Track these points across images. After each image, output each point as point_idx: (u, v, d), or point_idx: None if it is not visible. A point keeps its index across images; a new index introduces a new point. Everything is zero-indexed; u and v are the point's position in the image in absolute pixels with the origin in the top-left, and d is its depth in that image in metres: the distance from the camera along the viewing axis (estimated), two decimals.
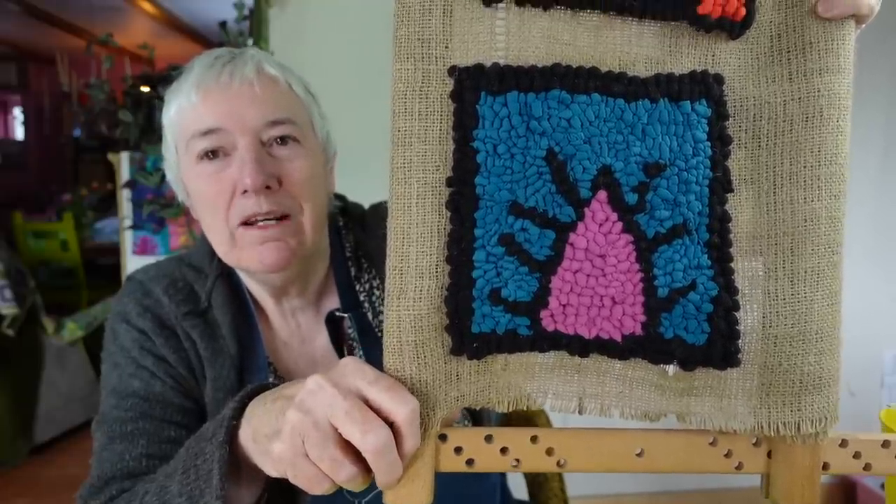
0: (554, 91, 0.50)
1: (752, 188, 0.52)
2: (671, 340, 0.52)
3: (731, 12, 0.50)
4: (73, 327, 2.88)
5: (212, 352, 0.83)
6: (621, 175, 0.51)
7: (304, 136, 0.83)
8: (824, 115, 0.51)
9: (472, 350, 0.52)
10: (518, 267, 0.51)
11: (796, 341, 0.51)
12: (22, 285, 2.73)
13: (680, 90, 0.51)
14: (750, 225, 0.52)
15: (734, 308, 0.51)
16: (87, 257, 4.26)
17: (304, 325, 0.91)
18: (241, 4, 2.31)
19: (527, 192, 0.51)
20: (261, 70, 0.81)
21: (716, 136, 0.51)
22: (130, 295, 0.87)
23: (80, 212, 4.51)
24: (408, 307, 0.51)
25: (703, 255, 0.51)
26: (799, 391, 0.52)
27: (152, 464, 0.75)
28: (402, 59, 0.50)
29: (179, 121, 0.82)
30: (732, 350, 0.51)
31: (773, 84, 0.51)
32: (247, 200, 0.78)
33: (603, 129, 0.51)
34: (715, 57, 0.52)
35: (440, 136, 0.51)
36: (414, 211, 0.51)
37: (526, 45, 0.51)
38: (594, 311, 0.52)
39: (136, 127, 2.24)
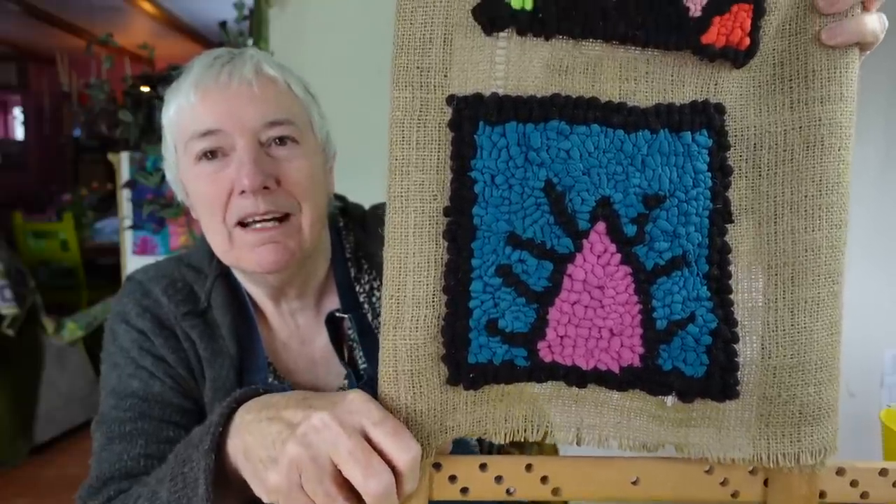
0: (553, 122, 0.50)
1: (753, 218, 0.52)
2: (669, 372, 0.51)
3: (735, 42, 0.49)
4: (73, 327, 2.88)
5: (211, 352, 0.83)
6: (620, 206, 0.50)
7: (303, 136, 0.82)
8: (825, 144, 0.50)
9: (469, 380, 0.51)
10: (515, 298, 0.51)
11: (796, 372, 0.51)
12: (22, 285, 2.73)
13: (681, 121, 0.50)
14: (750, 255, 0.52)
15: (733, 340, 0.51)
16: (87, 257, 4.26)
17: (303, 326, 0.91)
18: (241, 4, 2.31)
19: (525, 222, 0.50)
20: (259, 70, 0.81)
21: (717, 167, 0.51)
22: (130, 295, 0.87)
23: (80, 212, 4.51)
24: (404, 336, 0.51)
25: (702, 287, 0.51)
26: (798, 422, 0.51)
27: (150, 464, 0.75)
28: (400, 87, 0.50)
29: (178, 121, 0.82)
30: (731, 382, 0.51)
31: (775, 113, 0.51)
32: (244, 200, 0.78)
33: (602, 160, 0.50)
34: (717, 85, 0.51)
35: (438, 166, 0.51)
36: (411, 240, 0.51)
37: (525, 75, 0.50)
38: (592, 342, 0.51)
39: (136, 127, 2.24)
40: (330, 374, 0.89)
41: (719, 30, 0.49)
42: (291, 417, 0.53)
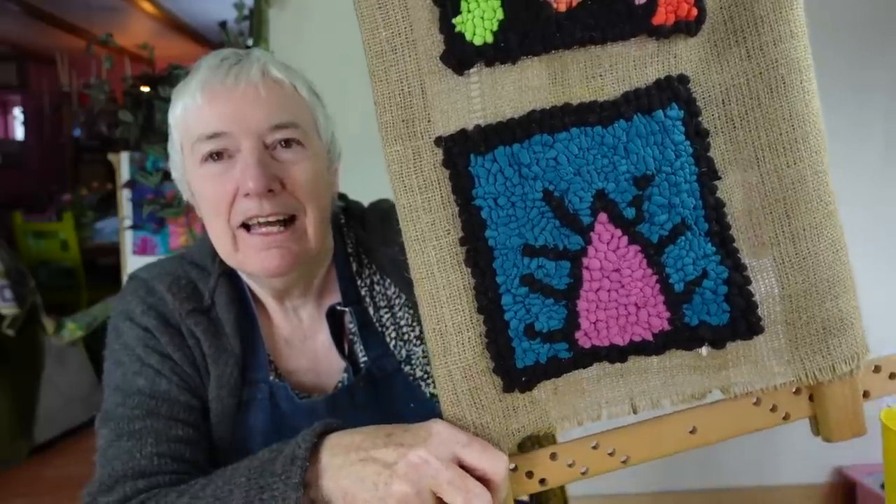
0: (535, 136, 0.54)
1: (738, 168, 0.55)
2: (698, 327, 0.55)
3: (684, 14, 0.52)
4: (72, 327, 2.88)
5: (216, 350, 0.83)
6: (615, 194, 0.54)
7: (308, 138, 0.83)
8: (787, 82, 0.53)
9: (522, 384, 0.56)
10: (544, 300, 0.55)
11: (810, 294, 0.55)
12: (22, 285, 2.73)
13: (650, 101, 0.53)
14: (744, 202, 0.55)
15: (747, 283, 0.55)
16: (87, 257, 4.26)
17: (305, 322, 0.91)
18: (241, 4, 2.31)
19: (535, 232, 0.54)
20: (266, 73, 0.81)
21: (693, 133, 0.54)
22: (134, 293, 0.87)
23: (80, 212, 4.51)
24: (455, 361, 0.56)
25: (707, 245, 0.54)
26: (825, 336, 0.55)
27: (164, 462, 0.76)
28: (390, 142, 0.54)
29: (185, 121, 0.83)
30: (754, 320, 0.55)
31: (735, 66, 0.54)
32: (249, 202, 0.78)
33: (589, 158, 0.54)
34: (677, 58, 0.54)
35: (443, 203, 0.55)
36: (437, 275, 0.55)
37: (501, 101, 0.54)
38: (622, 319, 0.55)
39: (136, 127, 2.24)
40: (331, 368, 0.90)
41: (666, 9, 0.52)
42: (385, 457, 0.57)
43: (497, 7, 0.52)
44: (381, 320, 0.90)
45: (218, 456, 0.83)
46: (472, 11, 0.52)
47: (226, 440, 0.83)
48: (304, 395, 0.87)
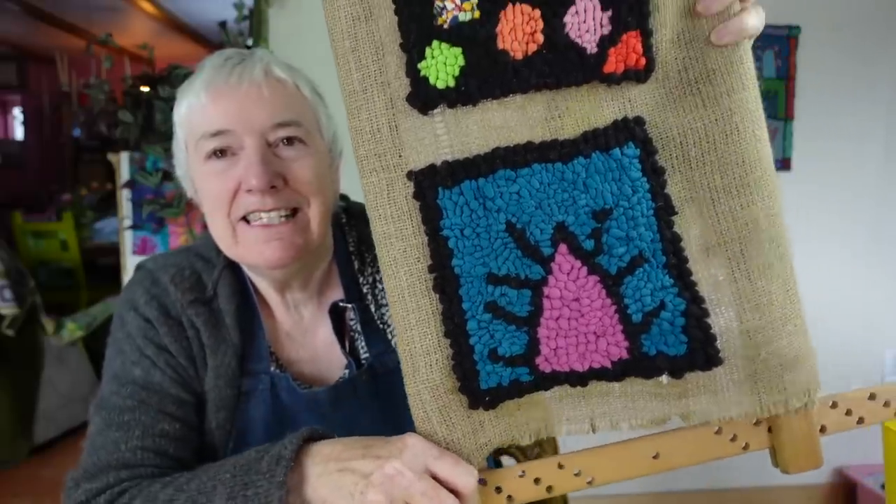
0: (500, 171, 0.57)
1: (694, 206, 0.57)
2: (655, 357, 0.58)
3: (633, 64, 0.55)
4: (72, 327, 2.88)
5: (215, 340, 0.85)
6: (575, 227, 0.57)
7: (310, 136, 0.84)
8: (740, 129, 0.56)
9: (486, 402, 0.59)
10: (507, 327, 0.59)
11: (765, 330, 0.57)
12: (22, 285, 2.73)
13: (607, 140, 0.56)
14: (701, 238, 0.58)
15: (704, 315, 0.57)
16: (86, 257, 4.26)
17: (306, 317, 0.93)
18: (240, 4, 2.31)
19: (498, 261, 0.58)
20: (269, 72, 0.83)
21: (649, 171, 0.57)
22: (140, 283, 0.89)
23: (79, 212, 4.51)
24: (424, 381, 0.60)
25: (665, 277, 0.57)
26: (781, 373, 0.57)
27: (147, 456, 0.78)
28: (366, 174, 0.59)
29: (189, 119, 0.84)
30: (712, 352, 0.57)
31: (691, 112, 0.57)
32: (251, 198, 0.80)
33: (549, 192, 0.57)
34: (632, 101, 0.57)
35: (414, 232, 0.59)
36: (408, 300, 0.59)
37: (466, 139, 0.58)
38: (581, 347, 0.58)
39: (136, 127, 2.23)
40: (332, 363, 0.91)
41: (616, 58, 0.55)
42: (362, 468, 0.60)
43: (458, 55, 0.56)
44: (383, 318, 0.92)
45: (217, 445, 0.84)
46: (436, 58, 0.56)
47: (226, 429, 0.85)
48: (305, 386, 0.88)
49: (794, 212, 2.68)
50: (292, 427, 0.85)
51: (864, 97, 2.47)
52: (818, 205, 2.50)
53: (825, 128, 2.47)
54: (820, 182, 2.49)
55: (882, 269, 2.56)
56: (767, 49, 2.42)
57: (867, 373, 2.59)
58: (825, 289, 2.53)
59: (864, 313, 2.55)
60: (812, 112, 2.45)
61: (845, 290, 2.54)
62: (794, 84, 2.45)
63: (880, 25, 2.44)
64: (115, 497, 0.75)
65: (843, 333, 2.54)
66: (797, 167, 2.47)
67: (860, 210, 2.53)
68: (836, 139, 2.48)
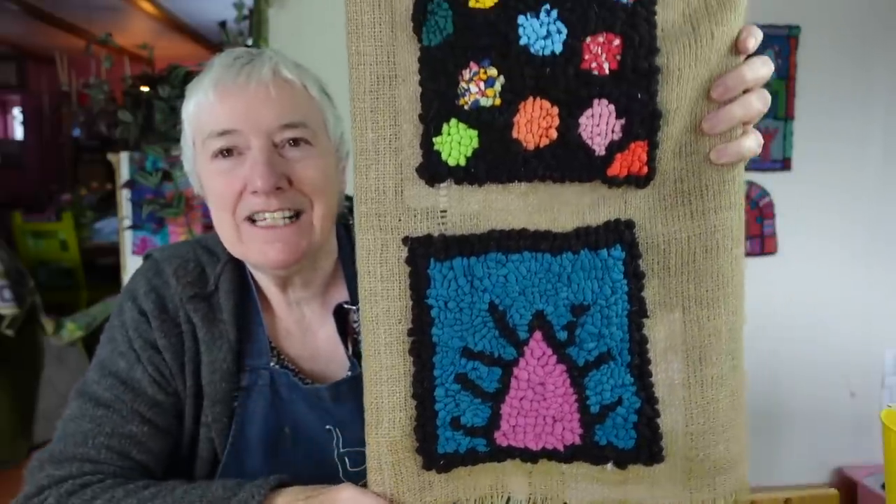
0: (492, 254, 0.60)
1: (665, 311, 0.60)
2: (605, 446, 0.61)
3: (636, 171, 0.58)
4: (72, 327, 2.88)
5: (211, 336, 0.86)
6: (552, 317, 0.60)
7: (317, 137, 0.84)
8: (720, 246, 0.59)
9: (440, 466, 0.63)
10: (473, 399, 0.61)
11: (708, 435, 0.61)
12: (21, 285, 2.72)
13: (597, 240, 0.59)
14: (666, 340, 0.61)
15: (655, 416, 0.61)
16: (86, 257, 4.26)
17: (308, 316, 0.93)
18: (240, 4, 2.31)
19: (475, 337, 0.61)
20: (277, 72, 0.83)
21: (631, 274, 0.60)
22: (144, 273, 0.91)
23: (79, 212, 4.51)
24: (384, 434, 0.62)
25: (626, 375, 0.60)
26: (714, 474, 0.61)
27: (110, 456, 0.81)
28: (364, 230, 0.60)
29: (197, 117, 0.85)
30: (656, 450, 0.61)
31: (678, 222, 0.59)
32: (256, 199, 0.81)
33: (534, 281, 0.60)
34: (627, 203, 0.60)
35: (400, 294, 0.61)
36: (383, 357, 0.61)
37: (465, 216, 0.60)
38: (539, 428, 0.62)
39: (136, 127, 2.23)
40: (335, 364, 0.92)
41: (621, 163, 0.58)
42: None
43: (474, 136, 0.57)
44: None
45: (215, 437, 0.86)
46: (452, 135, 0.58)
47: (223, 422, 0.86)
48: (307, 382, 0.89)
49: (794, 212, 2.70)
50: (292, 422, 0.87)
51: (863, 97, 2.47)
52: (818, 205, 2.50)
53: (825, 127, 2.47)
54: (820, 182, 2.49)
55: (882, 269, 2.56)
56: (767, 49, 2.42)
57: (867, 373, 2.59)
58: (825, 289, 2.53)
59: (864, 313, 2.55)
60: (812, 112, 2.45)
61: (845, 290, 2.54)
62: (794, 84, 2.45)
63: (880, 26, 2.44)
64: (77, 488, 0.78)
65: (843, 333, 2.54)
66: (797, 167, 2.47)
67: (860, 210, 2.53)
68: (836, 139, 2.48)
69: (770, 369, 2.53)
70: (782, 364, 2.54)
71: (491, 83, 0.57)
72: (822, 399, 2.56)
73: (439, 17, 0.56)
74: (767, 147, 2.47)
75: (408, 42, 0.57)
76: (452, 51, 0.57)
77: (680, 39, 0.56)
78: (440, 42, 0.57)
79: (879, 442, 0.98)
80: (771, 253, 2.50)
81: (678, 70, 0.56)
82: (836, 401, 2.56)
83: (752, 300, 2.34)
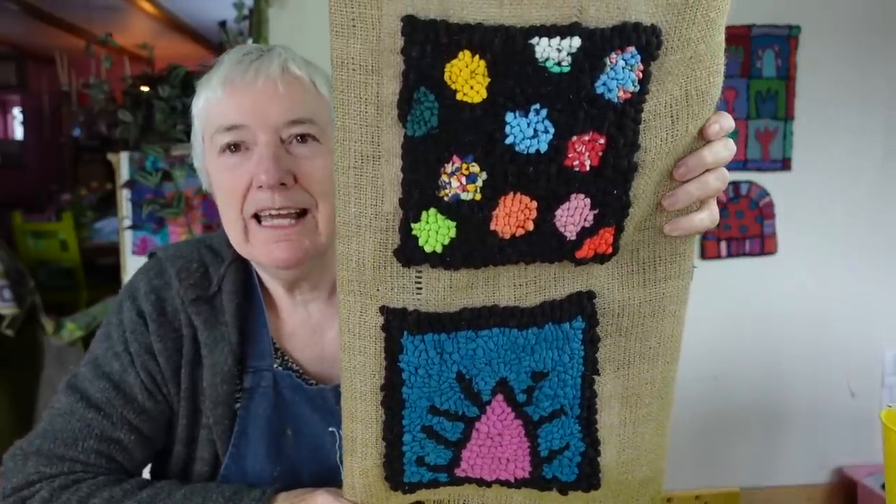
0: (462, 332, 0.64)
1: (613, 366, 0.67)
2: (550, 480, 0.70)
3: (601, 251, 0.62)
4: (72, 327, 2.88)
5: (213, 339, 0.86)
6: (514, 382, 0.66)
7: (324, 134, 0.84)
8: (667, 310, 0.66)
9: (406, 490, 0.70)
10: (437, 445, 0.68)
11: (635, 462, 0.70)
12: (21, 285, 2.72)
13: (561, 314, 0.64)
14: (612, 390, 0.68)
15: (597, 455, 0.68)
16: (86, 257, 4.26)
17: (315, 317, 0.93)
18: (240, 4, 2.31)
19: (441, 399, 0.66)
20: (286, 69, 0.84)
21: (588, 341, 0.65)
22: (146, 272, 0.90)
23: (79, 212, 4.51)
24: (358, 462, 0.69)
25: (575, 426, 0.67)
26: (638, 488, 0.72)
27: (98, 460, 0.83)
28: (345, 293, 0.63)
29: (206, 112, 0.86)
30: (594, 481, 0.69)
31: (633, 290, 0.65)
32: (261, 194, 0.81)
33: (500, 353, 0.65)
34: (588, 275, 0.64)
35: (375, 353, 0.65)
36: (358, 403, 0.67)
37: (437, 295, 0.63)
38: (493, 465, 0.69)
39: (136, 127, 2.23)
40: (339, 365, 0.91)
41: (589, 246, 0.61)
42: None
43: (452, 227, 0.59)
44: None
45: (217, 439, 0.86)
46: (430, 224, 0.59)
47: (225, 424, 0.85)
48: (311, 383, 0.89)
49: (794, 211, 2.69)
50: (294, 423, 0.87)
51: (863, 97, 2.47)
52: (818, 205, 2.50)
53: (825, 127, 2.47)
54: (820, 182, 2.49)
55: (882, 269, 2.56)
56: (767, 49, 2.42)
57: (867, 373, 2.59)
58: (825, 288, 2.53)
59: (864, 313, 2.55)
60: (812, 112, 2.45)
61: (845, 289, 2.54)
62: (795, 84, 2.45)
63: (880, 25, 2.44)
64: (70, 483, 0.80)
65: (843, 333, 2.54)
66: (797, 167, 2.48)
67: (860, 210, 2.53)
68: (836, 139, 2.48)
69: (770, 369, 2.53)
70: (782, 364, 2.54)
71: (473, 179, 0.57)
72: (823, 399, 2.56)
73: (425, 109, 0.55)
74: (767, 147, 2.47)
75: (393, 125, 0.57)
76: (436, 144, 0.56)
77: (659, 134, 0.58)
78: (424, 134, 0.56)
79: (879, 442, 0.98)
80: (771, 253, 2.50)
81: (652, 163, 0.58)
82: (836, 400, 2.57)
83: (752, 300, 2.39)
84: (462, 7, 0.52)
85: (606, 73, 0.54)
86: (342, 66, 0.55)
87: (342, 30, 0.54)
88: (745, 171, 2.46)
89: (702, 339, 2.52)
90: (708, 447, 2.53)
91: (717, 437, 2.55)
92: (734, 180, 2.46)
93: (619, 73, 0.54)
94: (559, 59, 0.53)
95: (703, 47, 0.56)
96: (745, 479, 2.54)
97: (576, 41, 0.53)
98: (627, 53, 0.54)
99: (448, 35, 0.53)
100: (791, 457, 2.57)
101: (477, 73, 0.54)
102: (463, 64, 0.53)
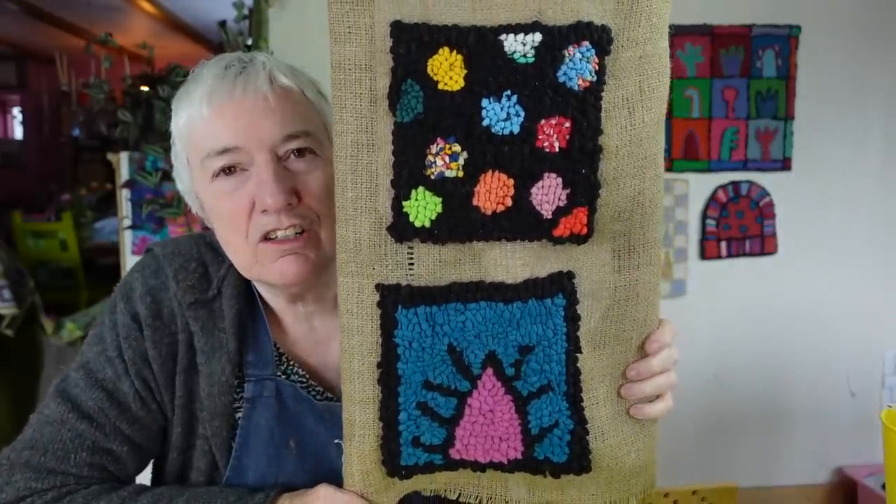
0: (452, 304, 0.69)
1: (593, 346, 0.71)
2: (542, 461, 0.72)
3: (577, 231, 0.67)
4: (72, 327, 2.88)
5: (211, 346, 0.83)
6: (502, 356, 0.70)
7: (320, 145, 0.82)
8: (640, 296, 0.71)
9: (402, 475, 0.73)
10: (431, 423, 0.71)
11: (623, 446, 0.73)
12: (21, 285, 2.72)
13: (543, 290, 0.69)
14: (594, 371, 0.72)
15: (585, 434, 0.72)
16: (86, 257, 4.26)
17: (319, 329, 0.90)
18: (240, 4, 2.31)
19: (435, 373, 0.70)
20: (274, 80, 0.80)
21: (569, 318, 0.70)
22: (142, 270, 0.87)
23: (79, 212, 4.51)
24: (356, 447, 0.72)
25: (562, 403, 0.71)
26: (628, 477, 0.75)
27: (91, 473, 0.81)
28: (344, 274, 0.69)
29: (190, 133, 0.81)
30: (585, 463, 0.72)
31: (608, 275, 0.70)
32: (267, 217, 0.78)
33: (488, 326, 0.69)
34: (569, 256, 0.69)
35: (372, 331, 0.70)
36: (356, 383, 0.71)
37: (428, 269, 0.69)
38: (487, 445, 0.72)
39: (136, 127, 2.23)
40: None
41: (565, 225, 0.67)
42: None
43: (438, 203, 0.66)
44: None
45: (215, 451, 0.83)
46: (419, 201, 0.66)
47: (222, 436, 0.83)
48: (320, 398, 0.87)
49: (794, 212, 2.69)
50: (297, 434, 0.85)
51: (863, 97, 2.47)
52: (818, 205, 2.50)
53: (825, 128, 2.47)
54: (820, 182, 2.49)
55: (882, 269, 2.56)
56: (767, 49, 2.42)
57: (867, 373, 2.59)
58: (825, 288, 2.53)
59: (864, 313, 2.55)
60: (812, 112, 2.45)
61: (845, 289, 2.54)
62: (795, 84, 2.45)
63: (880, 25, 2.44)
64: (63, 495, 0.78)
65: (843, 333, 2.54)
66: (797, 167, 2.47)
67: (860, 210, 2.53)
68: (836, 139, 2.48)
69: (770, 369, 2.53)
70: (782, 364, 2.54)
71: (455, 158, 0.65)
72: (823, 399, 2.56)
73: (412, 98, 0.64)
74: (767, 147, 2.47)
75: (384, 115, 0.65)
76: (422, 128, 0.64)
77: (619, 122, 0.66)
78: (411, 119, 0.64)
79: (879, 442, 0.98)
80: (771, 253, 2.50)
81: (615, 148, 0.66)
82: (836, 401, 2.57)
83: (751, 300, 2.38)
84: (440, 12, 0.63)
85: (566, 64, 0.63)
86: (341, 67, 0.64)
87: (340, 36, 0.64)
88: (745, 171, 2.46)
89: (702, 338, 2.53)
90: (708, 447, 2.53)
91: (718, 438, 2.55)
92: (734, 180, 2.47)
93: (577, 63, 0.63)
94: (524, 52, 0.63)
95: (651, 48, 0.65)
96: (746, 479, 2.54)
97: (538, 36, 0.63)
98: (583, 47, 0.63)
99: (430, 35, 0.63)
100: (791, 457, 2.57)
101: (455, 66, 0.63)
102: (443, 58, 0.63)
